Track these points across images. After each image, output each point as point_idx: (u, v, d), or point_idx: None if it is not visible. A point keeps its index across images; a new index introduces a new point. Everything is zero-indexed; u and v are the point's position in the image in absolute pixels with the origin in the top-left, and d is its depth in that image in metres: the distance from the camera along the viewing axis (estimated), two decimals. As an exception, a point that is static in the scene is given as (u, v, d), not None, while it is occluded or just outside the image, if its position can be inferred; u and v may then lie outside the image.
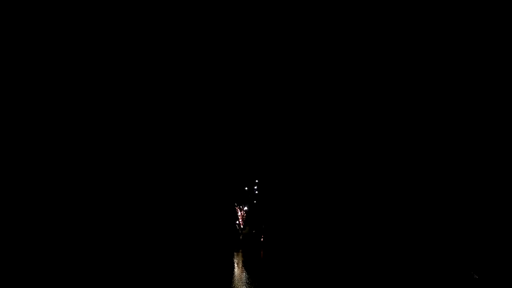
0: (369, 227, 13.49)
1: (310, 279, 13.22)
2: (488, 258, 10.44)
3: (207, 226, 23.25)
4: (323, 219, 16.85)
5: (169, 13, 13.01)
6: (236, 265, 18.99)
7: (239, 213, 30.29)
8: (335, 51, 12.94)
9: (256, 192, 29.11)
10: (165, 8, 12.81)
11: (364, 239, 13.53)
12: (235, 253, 24.07)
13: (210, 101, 18.97)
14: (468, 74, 9.89)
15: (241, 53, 15.54)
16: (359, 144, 13.96)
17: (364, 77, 12.49)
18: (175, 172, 20.26)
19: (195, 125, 20.16)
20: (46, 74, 11.98)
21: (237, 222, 29.74)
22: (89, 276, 11.91)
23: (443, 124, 10.39)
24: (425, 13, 10.82)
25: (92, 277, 11.87)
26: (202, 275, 14.03)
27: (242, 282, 12.97)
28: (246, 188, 29.83)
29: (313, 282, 12.73)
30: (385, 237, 13.13)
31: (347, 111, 14.07)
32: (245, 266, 18.12)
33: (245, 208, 30.34)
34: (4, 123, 12.19)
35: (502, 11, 9.51)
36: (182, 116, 18.94)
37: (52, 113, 12.89)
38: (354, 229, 14.16)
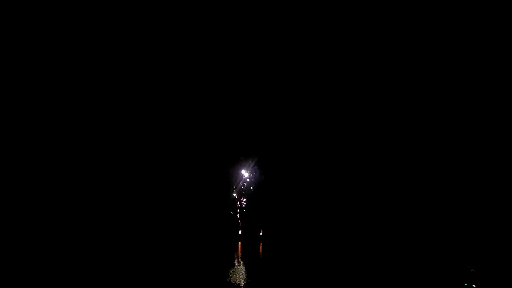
0: (368, 224, 13.69)
1: (309, 274, 13.35)
2: (484, 253, 10.68)
3: (206, 219, 23.31)
4: (322, 215, 17.01)
5: (169, 13, 12.90)
6: (234, 258, 19.14)
7: (238, 208, 30.39)
8: (335, 51, 12.96)
9: (255, 188, 29.18)
10: (165, 8, 12.69)
11: (364, 236, 13.72)
12: (234, 247, 24.22)
13: (208, 97, 18.91)
14: (468, 74, 10.00)
15: (240, 52, 15.47)
16: (359, 141, 14.06)
17: (364, 77, 12.54)
18: (174, 165, 20.23)
19: (193, 119, 20.10)
20: (46, 74, 11.89)
21: (237, 215, 29.86)
22: (82, 268, 11.92)
23: (443, 124, 10.52)
24: (425, 13, 10.86)
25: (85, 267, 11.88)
26: (200, 269, 14.11)
27: (240, 276, 13.08)
28: (244, 182, 29.90)
29: (313, 277, 12.87)
30: (383, 233, 13.33)
31: (347, 108, 14.13)
32: (244, 260, 18.27)
33: (245, 202, 30.45)
34: (4, 123, 12.14)
35: (502, 11, 9.59)
36: (180, 110, 18.86)
37: (52, 113, 12.83)
38: (354, 225, 14.34)
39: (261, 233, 27.73)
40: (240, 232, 29.90)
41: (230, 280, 12.25)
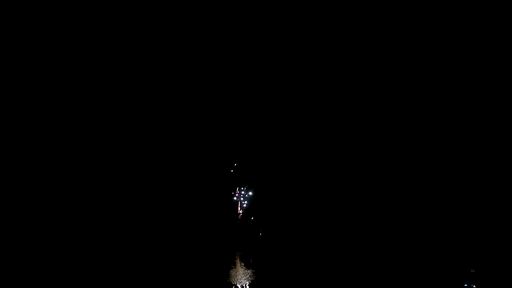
0: (368, 224, 13.69)
1: (309, 275, 13.36)
2: (484, 253, 10.72)
3: (205, 221, 23.33)
4: (321, 216, 17.03)
5: (169, 13, 12.91)
6: (234, 260, 19.14)
7: (238, 209, 30.44)
8: (334, 51, 12.98)
9: (254, 190, 29.24)
10: (165, 8, 12.70)
11: (363, 236, 13.72)
12: (233, 249, 24.24)
13: (208, 100, 18.99)
14: (468, 74, 10.03)
15: (240, 53, 15.51)
16: (358, 142, 14.09)
17: (363, 77, 12.56)
18: (173, 168, 20.26)
19: (193, 122, 20.16)
20: (47, 74, 11.87)
21: (237, 215, 29.91)
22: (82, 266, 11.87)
23: (443, 124, 10.55)
24: (425, 13, 10.89)
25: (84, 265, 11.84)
26: (200, 271, 14.10)
27: (240, 277, 13.10)
28: (244, 186, 29.99)
29: (312, 277, 12.89)
30: (383, 233, 13.35)
31: (347, 109, 14.16)
32: (243, 261, 18.28)
33: (244, 203, 30.49)
34: (4, 123, 12.10)
35: (502, 11, 9.62)
36: (180, 113, 18.93)
37: (53, 113, 12.80)
38: (354, 225, 14.34)
39: (260, 234, 27.79)
40: (238, 233, 29.94)
41: (229, 280, 12.27)
